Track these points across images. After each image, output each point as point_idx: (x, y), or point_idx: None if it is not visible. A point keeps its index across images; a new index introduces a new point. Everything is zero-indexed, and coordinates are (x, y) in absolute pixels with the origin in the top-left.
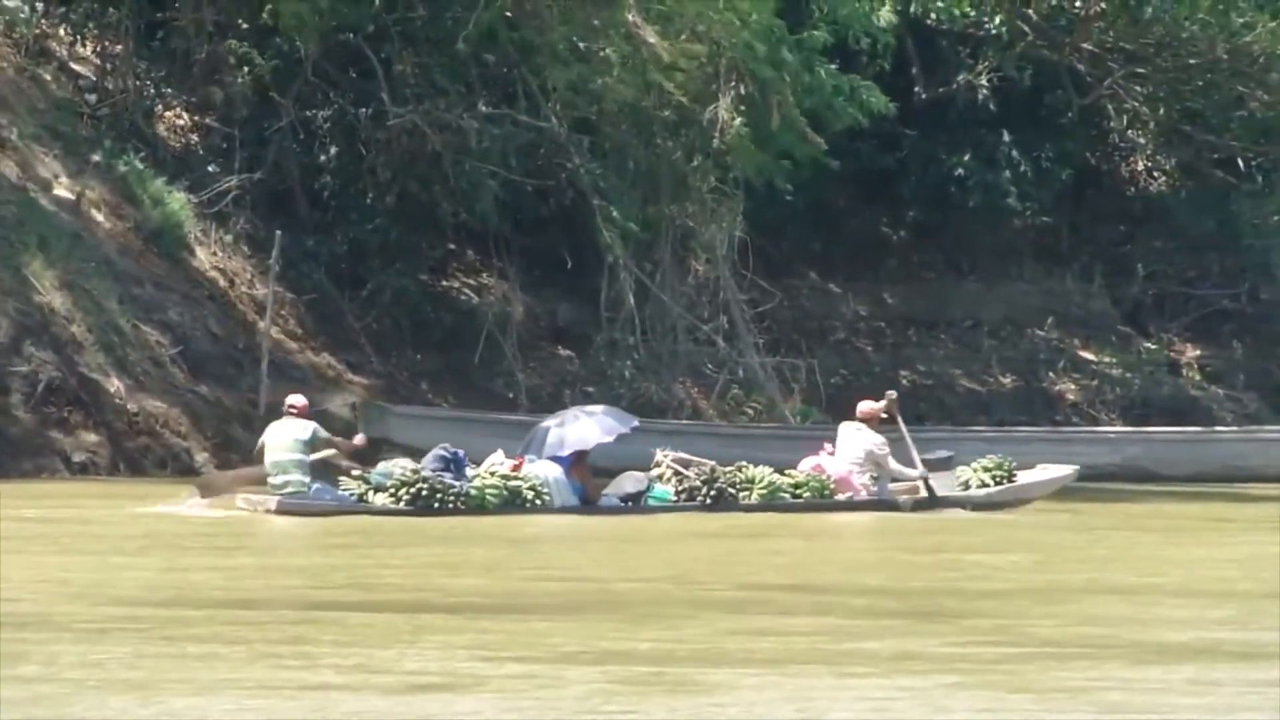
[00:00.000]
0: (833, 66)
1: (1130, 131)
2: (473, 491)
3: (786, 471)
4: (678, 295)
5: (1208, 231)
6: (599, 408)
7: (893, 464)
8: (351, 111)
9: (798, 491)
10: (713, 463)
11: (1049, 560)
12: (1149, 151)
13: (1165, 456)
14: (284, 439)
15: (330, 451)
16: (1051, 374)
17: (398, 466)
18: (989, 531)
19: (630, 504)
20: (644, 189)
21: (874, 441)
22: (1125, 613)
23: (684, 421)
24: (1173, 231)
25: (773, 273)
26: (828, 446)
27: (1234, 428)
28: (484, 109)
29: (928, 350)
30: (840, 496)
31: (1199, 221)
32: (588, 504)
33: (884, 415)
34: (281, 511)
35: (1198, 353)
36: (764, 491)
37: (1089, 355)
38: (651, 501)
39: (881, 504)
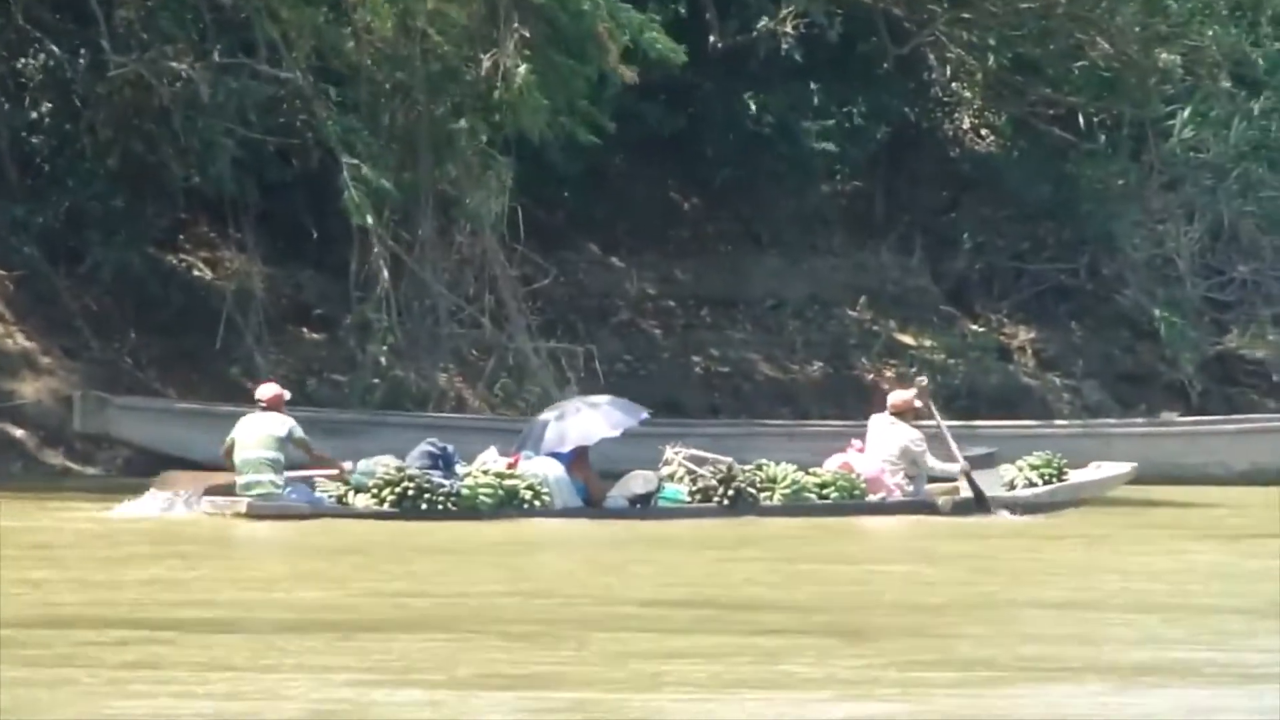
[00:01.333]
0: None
1: (955, 84)
2: (465, 491)
3: (811, 470)
4: (439, 271)
5: (1043, 198)
6: (604, 398)
7: (931, 461)
8: (66, 61)
9: (824, 492)
10: (730, 460)
11: (951, 573)
12: (976, 107)
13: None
14: (255, 435)
15: (302, 456)
16: (864, 360)
17: (380, 464)
18: (902, 540)
19: (639, 506)
20: (401, 150)
21: (910, 437)
22: (1072, 630)
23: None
24: (1003, 198)
25: (547, 245)
26: (856, 443)
27: (1072, 420)
28: (218, 59)
29: (723, 333)
30: (872, 497)
31: (1033, 187)
32: (592, 505)
33: (917, 405)
34: (252, 515)
35: (1031, 335)
36: (787, 492)
37: (907, 339)
38: (663, 503)
39: (918, 506)
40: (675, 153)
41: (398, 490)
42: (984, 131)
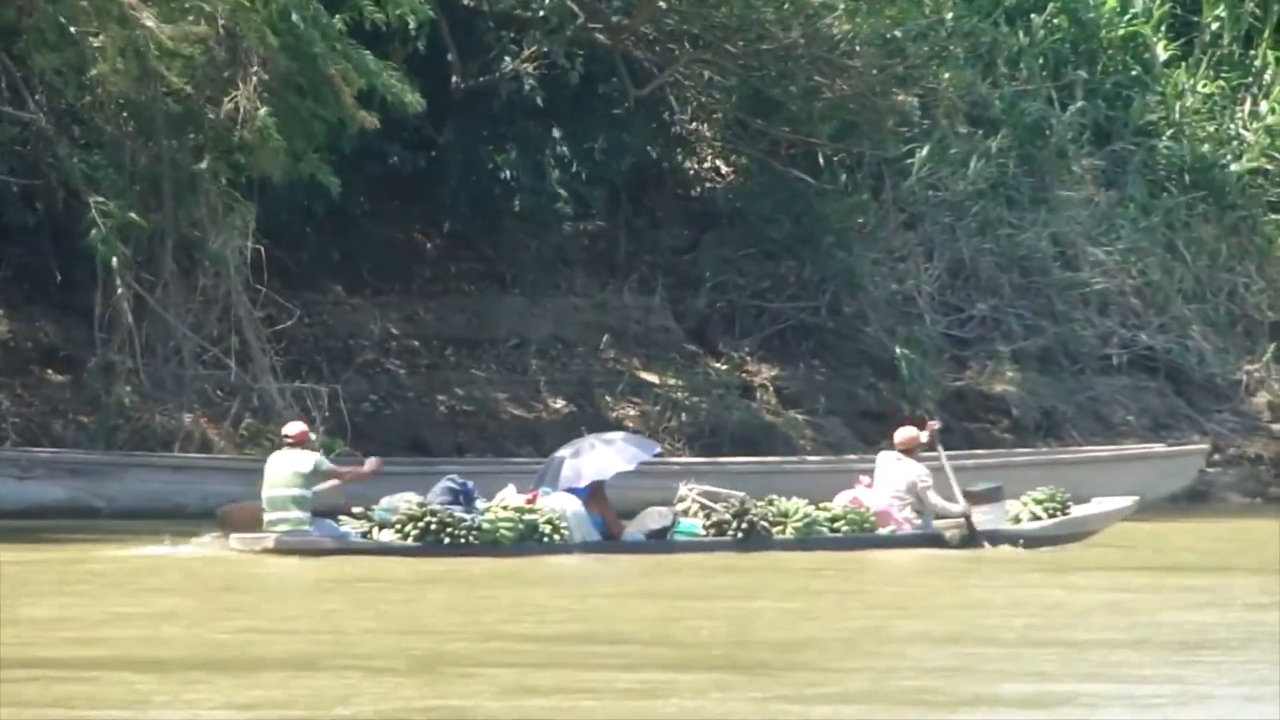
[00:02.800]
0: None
1: (695, 125)
2: (485, 526)
3: (822, 505)
4: (183, 312)
5: (783, 237)
6: (617, 435)
7: (933, 498)
8: None
9: (835, 526)
10: (742, 494)
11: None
12: (717, 147)
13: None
14: (281, 473)
15: (332, 483)
16: (608, 398)
17: (403, 500)
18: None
19: (656, 540)
20: (144, 191)
21: (917, 473)
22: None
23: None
24: (744, 237)
25: (291, 286)
26: (864, 479)
27: (815, 457)
28: None
29: (468, 373)
30: (881, 531)
31: (773, 226)
32: (609, 538)
33: (923, 441)
34: (279, 550)
35: (773, 373)
36: (799, 526)
37: (650, 377)
38: (678, 537)
39: (926, 539)
40: (417, 193)
41: (421, 525)
42: (725, 171)
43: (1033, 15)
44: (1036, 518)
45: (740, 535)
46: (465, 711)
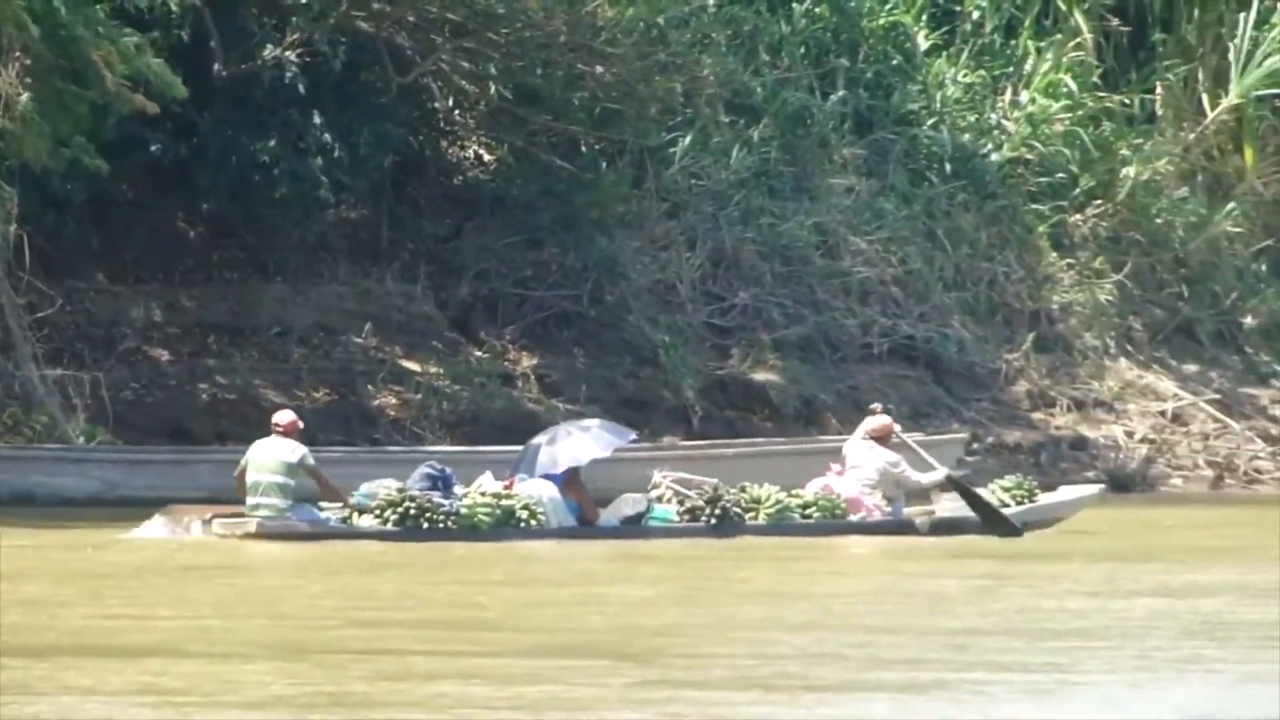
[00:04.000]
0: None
1: (458, 113)
2: (464, 511)
3: (794, 492)
4: None
5: (546, 225)
6: (593, 422)
7: (910, 475)
8: None
9: (807, 512)
10: (715, 481)
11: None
12: (480, 135)
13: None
14: (268, 458)
15: (312, 487)
16: (370, 386)
17: (382, 486)
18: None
19: (630, 526)
20: None
21: (887, 459)
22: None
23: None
24: (506, 225)
25: (53, 274)
26: (835, 466)
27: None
28: None
29: (230, 360)
30: (852, 517)
31: (535, 214)
32: (585, 524)
33: (889, 431)
34: (260, 535)
35: (535, 361)
36: (771, 512)
37: (412, 365)
38: (653, 523)
39: (896, 526)
40: (180, 181)
41: (400, 510)
42: (488, 159)
43: (794, 3)
44: (1005, 505)
45: (713, 521)
46: (338, 696)
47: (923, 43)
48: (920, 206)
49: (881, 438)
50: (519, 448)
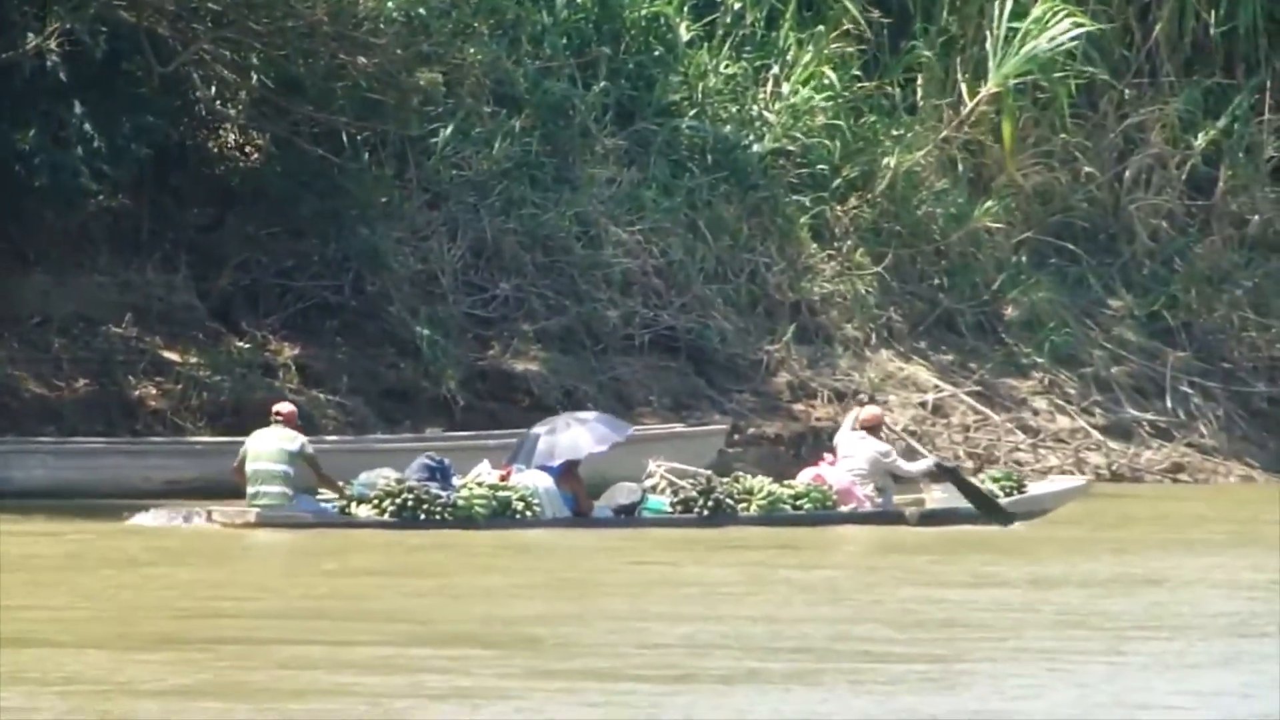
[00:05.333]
0: None
1: (220, 103)
2: (460, 502)
3: (785, 483)
4: None
5: (308, 215)
6: (591, 414)
7: (902, 465)
8: None
9: (798, 503)
10: (709, 473)
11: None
12: (242, 125)
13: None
14: (268, 448)
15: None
16: (131, 377)
17: (380, 477)
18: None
19: (624, 516)
20: None
21: (879, 449)
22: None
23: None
24: (268, 216)
25: None
26: (827, 456)
27: (338, 436)
28: None
29: None
30: (843, 508)
31: (297, 205)
32: (579, 514)
33: (879, 421)
34: (260, 524)
35: (296, 352)
36: (763, 503)
37: (173, 355)
38: (646, 513)
39: (886, 516)
40: None
41: (398, 501)
42: (249, 150)
43: None
44: (994, 495)
45: (706, 512)
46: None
47: (684, 34)
48: (681, 197)
49: (872, 428)
50: (515, 433)
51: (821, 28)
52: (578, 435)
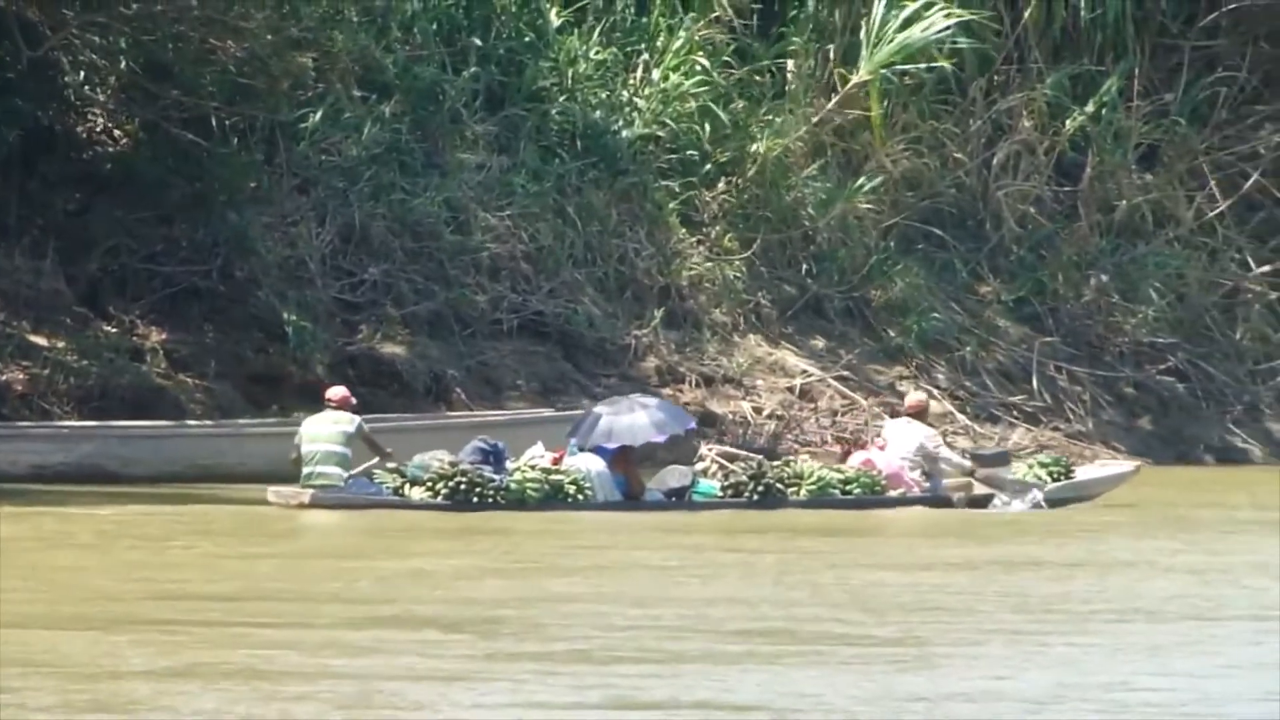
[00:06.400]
0: None
1: (88, 88)
2: (513, 486)
3: (835, 467)
4: None
5: (177, 200)
6: (654, 400)
7: (945, 453)
8: None
9: (848, 488)
10: (760, 457)
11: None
12: (111, 110)
13: (125, 454)
14: (325, 430)
15: (374, 461)
16: None
17: (435, 459)
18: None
19: (674, 499)
20: None
21: (925, 434)
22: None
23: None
24: (136, 200)
25: None
26: (878, 440)
27: (206, 421)
28: None
29: None
30: (892, 493)
31: (167, 189)
32: (631, 498)
33: (925, 407)
34: (315, 505)
35: (164, 337)
36: (813, 487)
37: (40, 340)
38: (697, 497)
39: (934, 500)
40: None
41: (451, 484)
42: (117, 134)
43: None
44: (1040, 480)
45: (756, 496)
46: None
47: (554, 20)
48: (551, 183)
49: (918, 414)
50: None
51: (692, 14)
52: (637, 420)
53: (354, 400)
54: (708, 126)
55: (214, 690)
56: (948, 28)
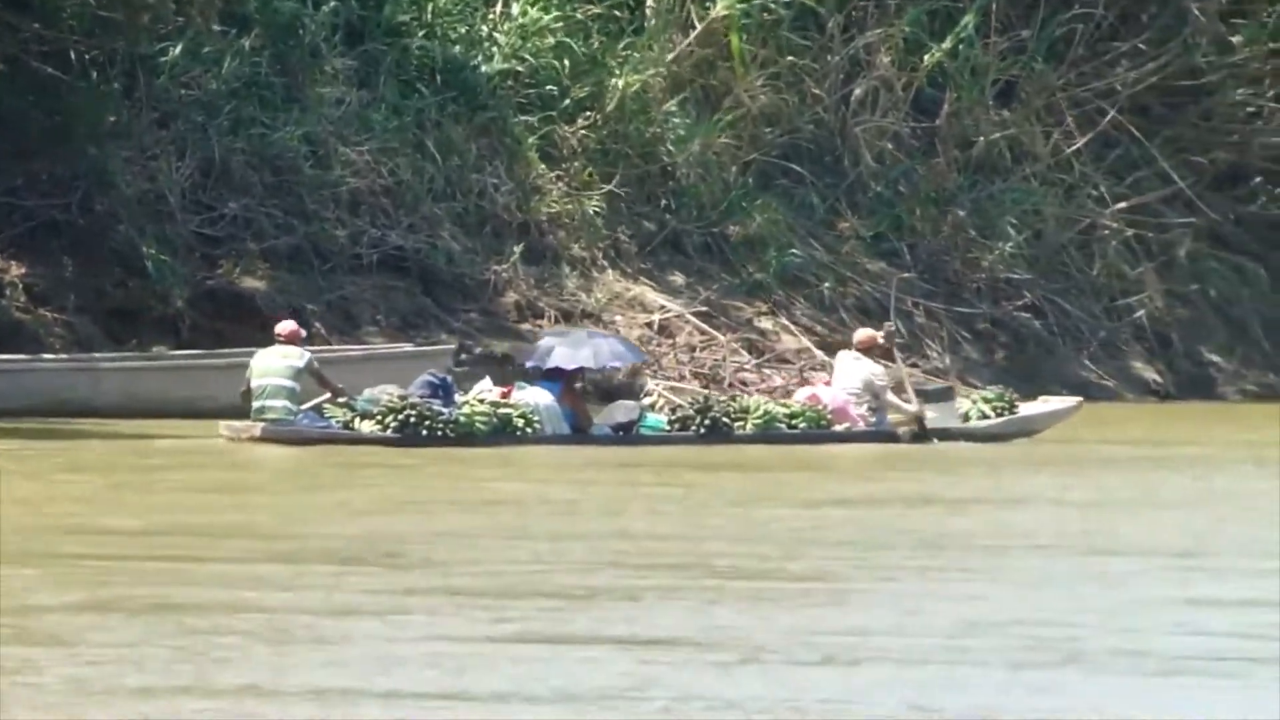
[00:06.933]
0: None
1: None
2: (462, 419)
3: (781, 401)
4: None
5: (36, 134)
6: (610, 334)
7: (891, 395)
8: None
9: (794, 422)
10: (706, 391)
11: None
12: None
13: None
14: (274, 364)
15: (325, 396)
16: None
17: (384, 393)
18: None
19: (622, 433)
20: None
21: (873, 371)
22: None
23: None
24: None
25: None
26: (824, 376)
27: (64, 355)
28: None
29: None
30: (838, 427)
31: (26, 123)
32: (579, 432)
33: (881, 341)
34: (265, 439)
35: (24, 270)
36: (759, 421)
37: None
38: (644, 431)
39: (880, 435)
40: None
41: (400, 417)
42: None
43: None
44: (985, 416)
45: (703, 430)
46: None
47: None
48: (410, 118)
49: (868, 349)
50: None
51: None
52: (599, 347)
53: (304, 334)
54: (566, 62)
55: (131, 624)
56: None
